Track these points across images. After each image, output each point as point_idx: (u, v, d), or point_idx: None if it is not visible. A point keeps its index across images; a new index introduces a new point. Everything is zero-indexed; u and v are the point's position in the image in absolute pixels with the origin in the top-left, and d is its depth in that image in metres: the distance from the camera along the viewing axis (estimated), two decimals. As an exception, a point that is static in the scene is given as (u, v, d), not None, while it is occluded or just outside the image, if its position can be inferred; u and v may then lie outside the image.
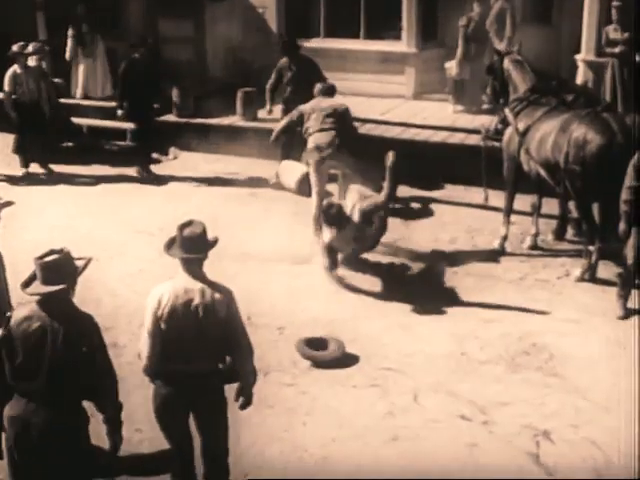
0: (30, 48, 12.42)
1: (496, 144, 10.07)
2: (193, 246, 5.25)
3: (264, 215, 10.78)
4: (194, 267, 5.29)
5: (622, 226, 7.99)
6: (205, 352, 5.26)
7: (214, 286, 5.29)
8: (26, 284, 4.92)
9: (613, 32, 12.18)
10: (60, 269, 4.86)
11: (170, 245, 5.38)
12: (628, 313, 8.15)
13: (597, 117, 8.86)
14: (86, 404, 5.05)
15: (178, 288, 5.26)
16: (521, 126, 9.43)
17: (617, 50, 12.14)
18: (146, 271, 8.82)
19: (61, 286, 4.84)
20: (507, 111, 9.80)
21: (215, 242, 5.41)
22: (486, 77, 10.62)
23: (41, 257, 4.89)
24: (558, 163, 8.87)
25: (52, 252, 4.93)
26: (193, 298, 5.22)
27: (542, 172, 9.16)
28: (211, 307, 5.21)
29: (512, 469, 6.04)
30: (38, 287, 4.86)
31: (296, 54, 12.33)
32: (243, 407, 5.49)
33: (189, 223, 5.36)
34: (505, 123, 9.85)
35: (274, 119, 12.00)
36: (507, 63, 10.07)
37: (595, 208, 9.03)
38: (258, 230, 10.16)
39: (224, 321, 5.23)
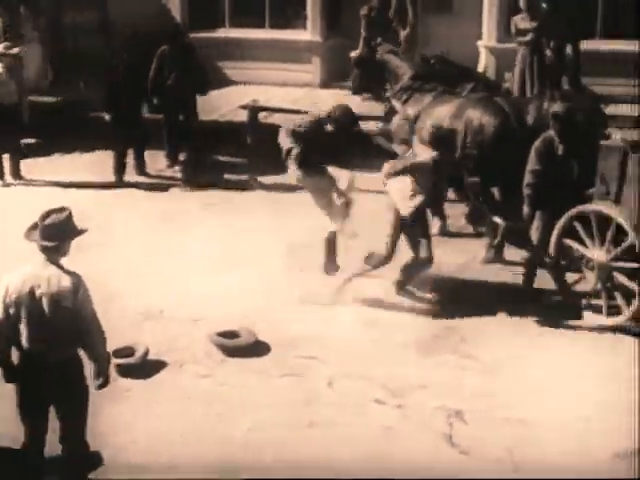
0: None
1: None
2: (51, 234, 5.27)
3: (174, 211, 10.75)
4: (52, 254, 5.31)
5: (526, 209, 8.18)
6: (55, 340, 5.29)
7: (63, 274, 5.29)
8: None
9: (521, 21, 12.42)
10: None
11: (32, 229, 5.38)
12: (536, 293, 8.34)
13: (490, 101, 9.10)
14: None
15: (27, 275, 5.30)
16: (411, 113, 9.61)
17: (526, 39, 12.39)
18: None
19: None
20: (394, 101, 9.99)
21: (81, 232, 5.41)
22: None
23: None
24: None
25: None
26: (39, 285, 5.25)
27: None
28: (56, 295, 5.24)
29: (427, 450, 6.14)
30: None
31: (178, 41, 12.21)
32: (100, 387, 5.54)
33: (56, 210, 5.37)
34: (393, 112, 10.01)
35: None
36: (383, 53, 10.25)
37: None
38: (173, 226, 10.17)
39: (72, 309, 5.25)
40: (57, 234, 5.29)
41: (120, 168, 11.86)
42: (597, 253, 7.79)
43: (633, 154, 7.64)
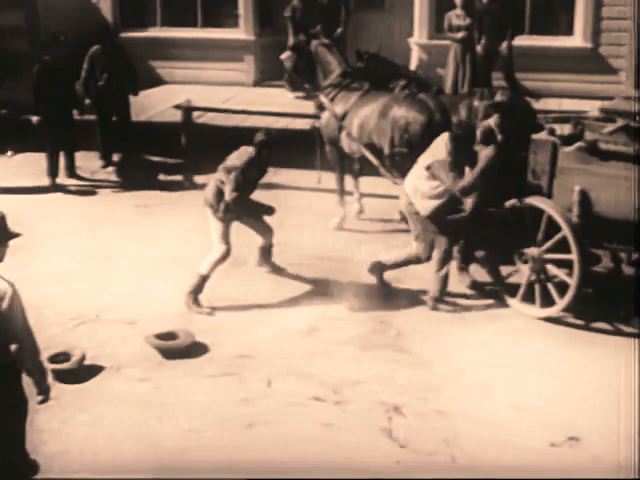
0: None
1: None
2: None
3: (107, 213, 10.65)
4: None
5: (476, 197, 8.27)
6: None
7: None
8: None
9: (456, 18, 12.55)
10: None
11: None
12: (473, 283, 8.45)
13: (415, 98, 9.23)
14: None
15: None
16: (338, 110, 9.69)
17: (459, 36, 12.52)
18: None
19: None
20: (322, 97, 10.06)
21: (15, 235, 5.26)
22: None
23: None
24: (382, 147, 9.17)
25: None
26: None
27: (369, 156, 9.43)
28: None
29: (366, 445, 6.17)
30: None
31: (109, 41, 12.11)
32: (40, 403, 5.39)
33: None
34: (322, 108, 10.07)
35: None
36: (315, 46, 10.30)
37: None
38: (106, 228, 10.07)
39: (3, 317, 5.04)
40: None
41: (53, 171, 11.69)
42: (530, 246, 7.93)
43: (563, 148, 7.78)
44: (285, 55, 13.51)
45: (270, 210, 8.43)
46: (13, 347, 5.15)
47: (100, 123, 12.17)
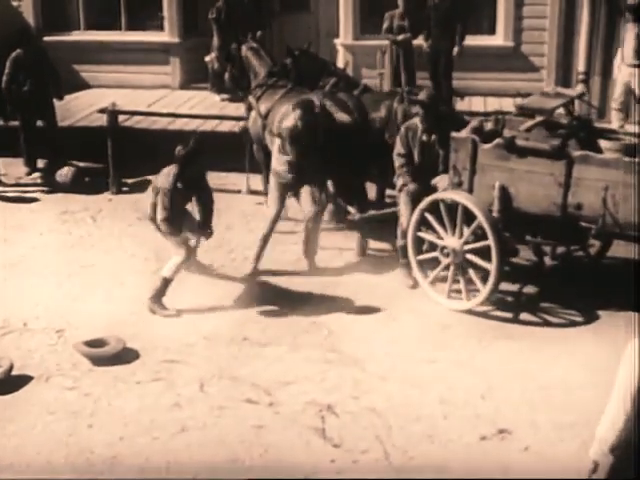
0: None
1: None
2: None
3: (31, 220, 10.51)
4: None
5: (411, 187, 8.39)
6: None
7: None
8: None
9: (399, 19, 12.60)
10: None
11: None
12: (415, 282, 8.51)
13: (334, 98, 9.33)
14: None
15: None
16: (262, 109, 9.79)
17: (401, 37, 12.58)
18: None
19: None
20: (250, 97, 10.22)
21: None
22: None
23: None
24: None
25: None
26: None
27: None
28: None
29: (299, 445, 6.19)
30: None
31: (31, 45, 11.95)
32: None
33: None
34: (251, 108, 10.16)
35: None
36: (245, 51, 10.53)
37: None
38: (31, 236, 9.94)
39: None
40: None
41: None
42: (450, 240, 8.05)
43: (483, 145, 7.91)
44: (210, 57, 13.53)
45: (206, 233, 8.38)
46: None
47: (24, 128, 11.95)
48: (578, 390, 6.60)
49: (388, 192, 9.80)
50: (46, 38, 14.28)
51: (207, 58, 13.76)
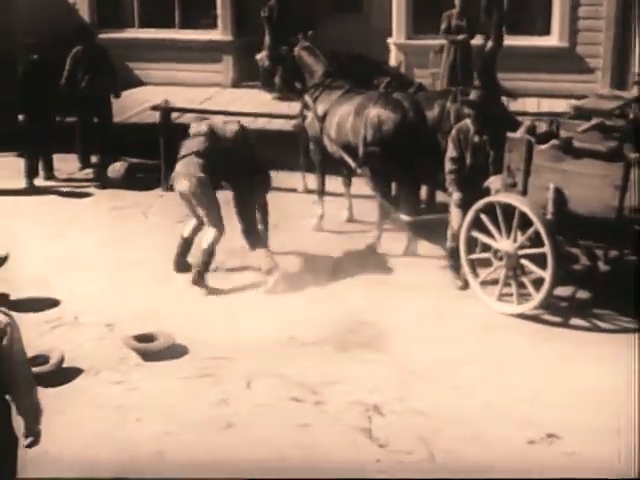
0: None
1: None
2: None
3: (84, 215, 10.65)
4: None
5: (455, 195, 8.37)
6: None
7: None
8: None
9: (456, 18, 12.55)
10: None
11: None
12: (464, 284, 8.47)
13: (389, 98, 9.26)
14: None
15: None
16: (320, 110, 9.72)
17: (460, 37, 12.51)
18: None
19: None
20: (307, 97, 10.11)
21: (4, 260, 5.08)
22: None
23: None
24: (357, 146, 9.21)
25: None
26: None
27: (344, 155, 9.46)
28: None
29: (345, 445, 6.18)
30: None
31: (91, 42, 12.07)
32: (29, 446, 4.99)
33: None
34: (307, 108, 10.11)
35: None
36: (298, 50, 10.38)
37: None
38: (83, 230, 10.07)
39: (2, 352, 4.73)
40: None
41: (31, 172, 11.64)
42: (504, 243, 7.97)
43: (538, 146, 7.82)
44: (261, 55, 13.58)
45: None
46: (9, 382, 4.81)
47: (80, 125, 12.10)
48: (627, 395, 6.50)
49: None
50: (101, 35, 14.43)
51: (258, 56, 13.82)
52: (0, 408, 4.91)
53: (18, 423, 4.87)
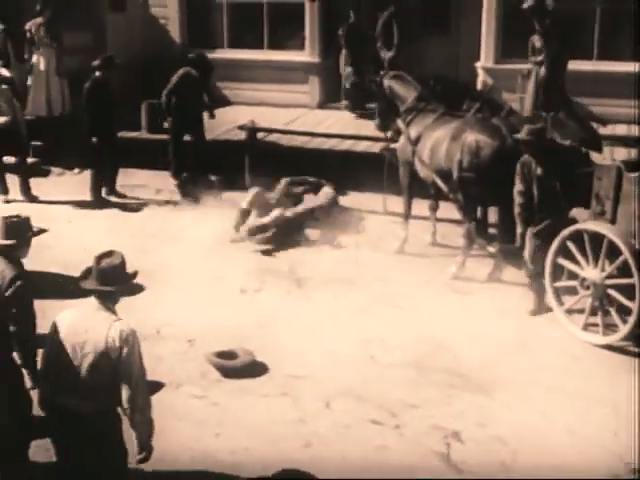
0: None
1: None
2: (107, 278, 5.02)
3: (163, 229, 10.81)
4: (106, 300, 5.03)
5: (518, 229, 8.26)
6: (89, 392, 4.93)
7: (115, 322, 4.95)
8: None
9: (538, 41, 12.47)
10: (15, 228, 5.61)
11: (85, 276, 5.13)
12: (541, 309, 8.38)
13: (487, 123, 9.12)
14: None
15: (76, 318, 5.01)
16: (413, 134, 9.66)
17: (540, 59, 12.42)
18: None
19: (11, 241, 5.55)
20: (399, 121, 10.04)
21: (134, 276, 5.19)
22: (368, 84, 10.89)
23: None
24: (451, 170, 9.11)
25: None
26: (87, 330, 4.93)
27: (437, 180, 9.38)
28: (103, 344, 4.89)
29: (423, 469, 6.13)
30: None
31: (204, 66, 12.26)
32: (141, 462, 5.15)
33: (108, 254, 5.12)
34: (399, 133, 10.07)
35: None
36: (388, 82, 10.29)
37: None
38: (160, 245, 10.22)
39: (115, 362, 4.89)
40: (114, 279, 5.03)
41: (99, 187, 11.90)
42: (591, 272, 7.82)
43: (628, 173, 7.67)
44: (346, 72, 13.76)
45: None
46: (125, 395, 4.97)
47: (175, 141, 12.27)
48: None
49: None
50: (190, 55, 14.70)
51: (344, 73, 14.01)
52: (112, 420, 5.06)
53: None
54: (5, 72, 12.07)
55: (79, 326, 4.97)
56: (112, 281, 5.03)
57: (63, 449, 5.14)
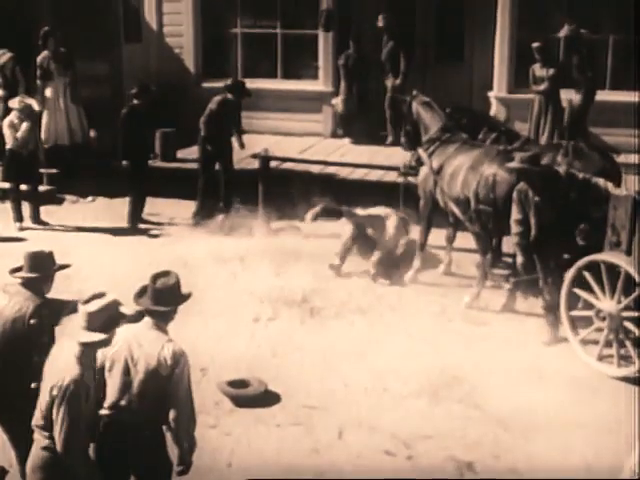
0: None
1: (412, 180, 10.33)
2: (163, 298, 5.14)
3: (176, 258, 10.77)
4: (159, 319, 5.15)
5: (519, 259, 8.23)
6: (139, 408, 5.05)
7: (167, 342, 5.08)
8: (15, 270, 5.77)
9: (539, 70, 12.57)
10: (39, 262, 5.73)
11: (141, 295, 5.24)
12: (555, 339, 8.34)
13: (507, 157, 8.96)
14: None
15: (130, 334, 5.12)
16: (435, 165, 9.64)
17: (542, 87, 12.51)
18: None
19: (35, 274, 5.68)
20: (421, 151, 10.00)
21: (188, 296, 5.29)
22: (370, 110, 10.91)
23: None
24: (468, 200, 9.09)
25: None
26: (140, 346, 5.06)
27: (454, 208, 9.36)
28: (155, 362, 5.02)
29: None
30: (21, 273, 5.75)
31: (241, 94, 12.28)
32: (180, 474, 5.28)
33: (163, 274, 5.23)
34: (420, 162, 10.06)
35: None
36: (416, 106, 10.29)
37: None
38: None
39: (165, 380, 5.02)
40: (168, 299, 5.16)
41: (136, 214, 11.91)
42: (607, 303, 7.77)
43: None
44: (336, 100, 13.93)
45: None
46: (172, 413, 5.10)
47: (204, 170, 12.23)
48: None
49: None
50: (204, 84, 14.79)
51: (333, 101, 14.13)
52: (157, 438, 5.17)
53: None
54: (34, 103, 12.14)
55: (133, 342, 5.09)
56: (166, 301, 5.15)
57: (111, 460, 5.16)
